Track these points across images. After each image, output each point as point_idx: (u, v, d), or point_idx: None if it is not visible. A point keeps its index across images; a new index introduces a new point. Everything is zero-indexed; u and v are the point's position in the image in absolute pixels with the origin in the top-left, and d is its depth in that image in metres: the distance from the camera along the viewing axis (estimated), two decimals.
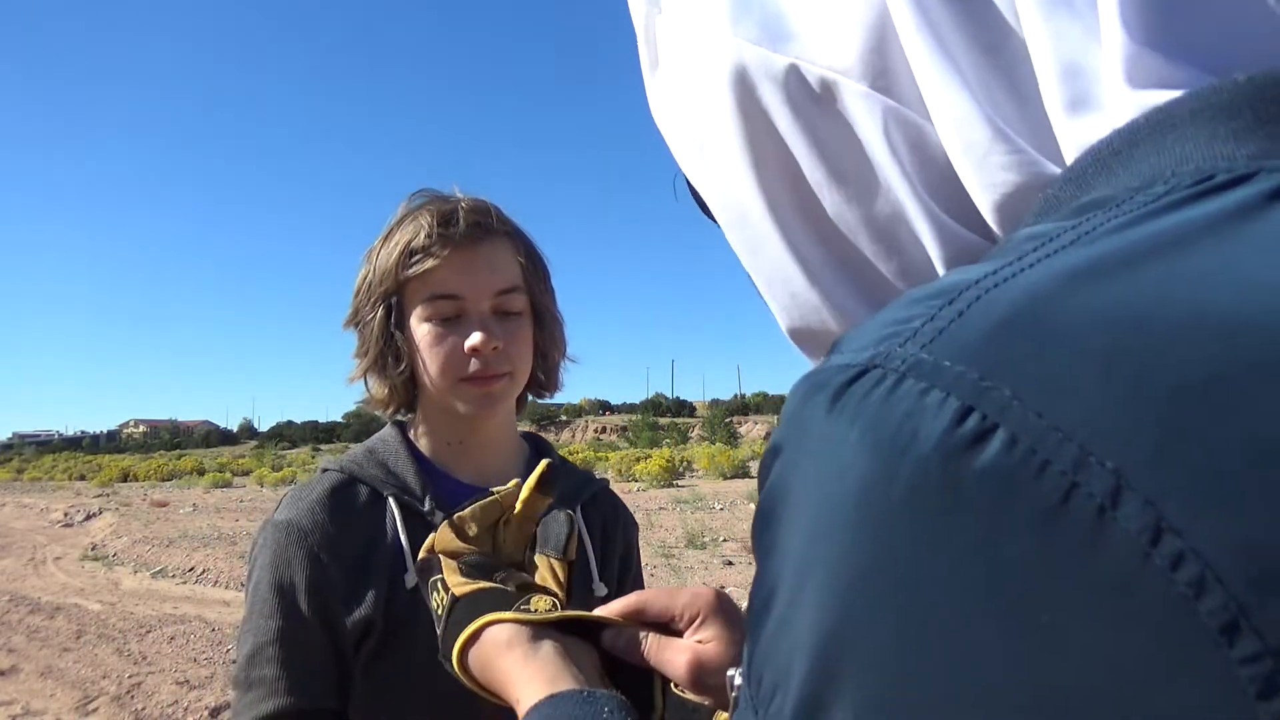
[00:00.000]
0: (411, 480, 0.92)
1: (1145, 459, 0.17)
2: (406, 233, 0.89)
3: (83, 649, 5.63)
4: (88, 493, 20.38)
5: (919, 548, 0.19)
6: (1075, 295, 0.20)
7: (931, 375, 0.20)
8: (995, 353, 0.20)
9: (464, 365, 0.89)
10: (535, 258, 0.97)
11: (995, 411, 0.19)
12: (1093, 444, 0.18)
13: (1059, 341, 0.19)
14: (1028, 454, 0.18)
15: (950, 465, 0.19)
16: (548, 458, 1.03)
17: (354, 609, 0.84)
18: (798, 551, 0.22)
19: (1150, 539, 0.17)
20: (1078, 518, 0.17)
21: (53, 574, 8.63)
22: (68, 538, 11.52)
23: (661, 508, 11.82)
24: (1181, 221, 0.21)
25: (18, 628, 6.25)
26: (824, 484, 0.21)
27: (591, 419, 69.46)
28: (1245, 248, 0.20)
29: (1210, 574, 0.16)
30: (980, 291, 0.22)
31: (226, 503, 15.51)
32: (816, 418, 0.22)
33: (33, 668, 5.23)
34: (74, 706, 4.51)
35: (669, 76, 0.39)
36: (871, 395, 0.21)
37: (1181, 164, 0.24)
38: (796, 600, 0.22)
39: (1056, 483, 0.18)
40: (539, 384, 1.02)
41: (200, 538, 10.02)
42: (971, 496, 0.19)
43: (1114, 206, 0.24)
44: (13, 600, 7.21)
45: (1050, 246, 0.23)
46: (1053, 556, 0.18)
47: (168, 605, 6.96)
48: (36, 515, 14.95)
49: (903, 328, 0.22)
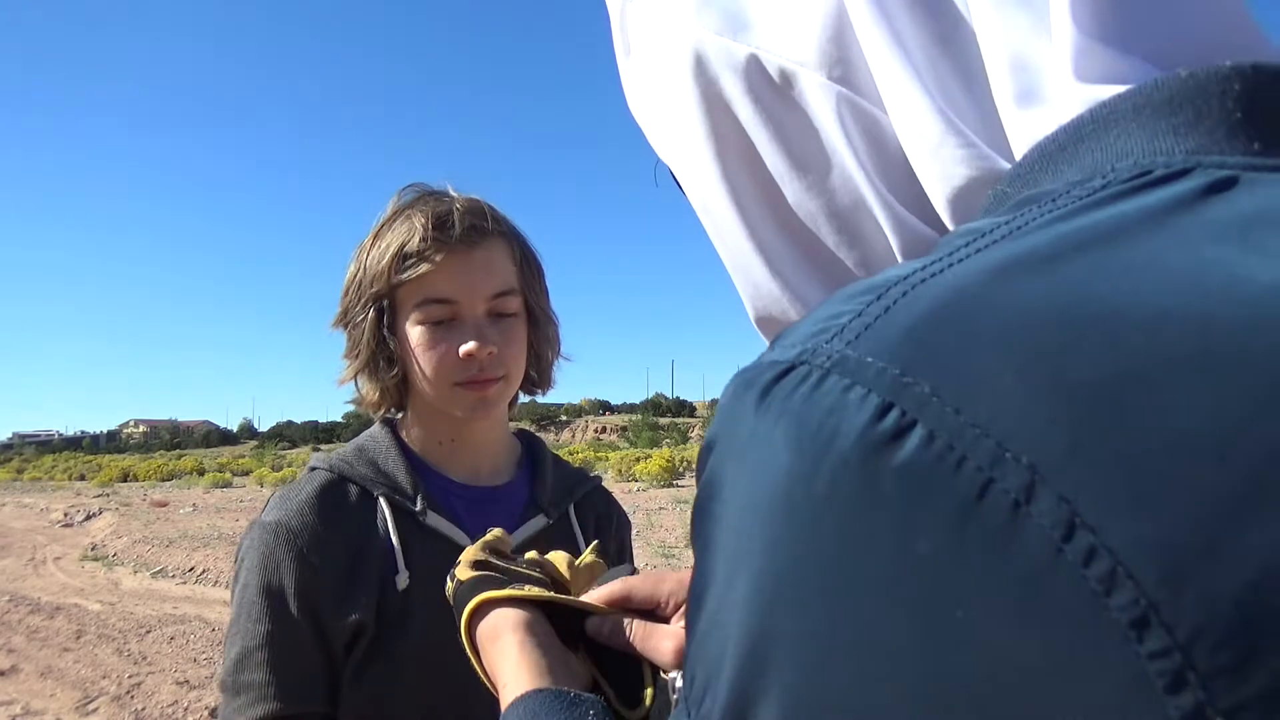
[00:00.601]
0: (402, 479, 0.91)
1: (1060, 455, 0.17)
2: (399, 234, 0.87)
3: (83, 649, 5.63)
4: (88, 493, 20.37)
5: (839, 545, 0.19)
6: (997, 290, 0.20)
7: (854, 372, 0.20)
8: (916, 348, 0.20)
9: (458, 370, 0.88)
10: (530, 258, 0.95)
11: (914, 407, 0.19)
12: (1009, 440, 0.18)
13: (978, 337, 0.20)
14: (945, 450, 0.18)
15: (869, 461, 0.19)
16: (540, 455, 1.04)
17: (344, 612, 0.83)
18: (728, 548, 0.22)
19: (1063, 535, 0.17)
20: (992, 513, 0.18)
21: (53, 574, 8.63)
22: (68, 538, 11.52)
23: (661, 508, 11.81)
24: (1112, 216, 0.22)
25: (18, 628, 6.25)
26: (751, 481, 0.21)
27: (591, 419, 69.47)
28: (1173, 242, 0.20)
29: (1121, 570, 0.16)
30: (907, 287, 0.22)
31: (226, 503, 15.51)
32: (745, 414, 0.22)
33: (33, 668, 5.22)
34: (74, 706, 4.51)
35: (640, 64, 0.40)
36: (796, 392, 0.21)
37: (1121, 159, 0.24)
38: (726, 598, 0.22)
39: (972, 478, 0.18)
40: (531, 382, 1.00)
41: (200, 538, 10.01)
42: (889, 492, 0.19)
43: (1049, 201, 0.24)
44: (13, 600, 7.21)
45: (982, 242, 0.23)
46: (967, 552, 0.18)
47: (168, 605, 6.96)
48: (36, 515, 14.95)
49: (831, 324, 0.22)
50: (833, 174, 0.33)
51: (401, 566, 0.86)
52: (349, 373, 0.93)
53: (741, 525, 0.22)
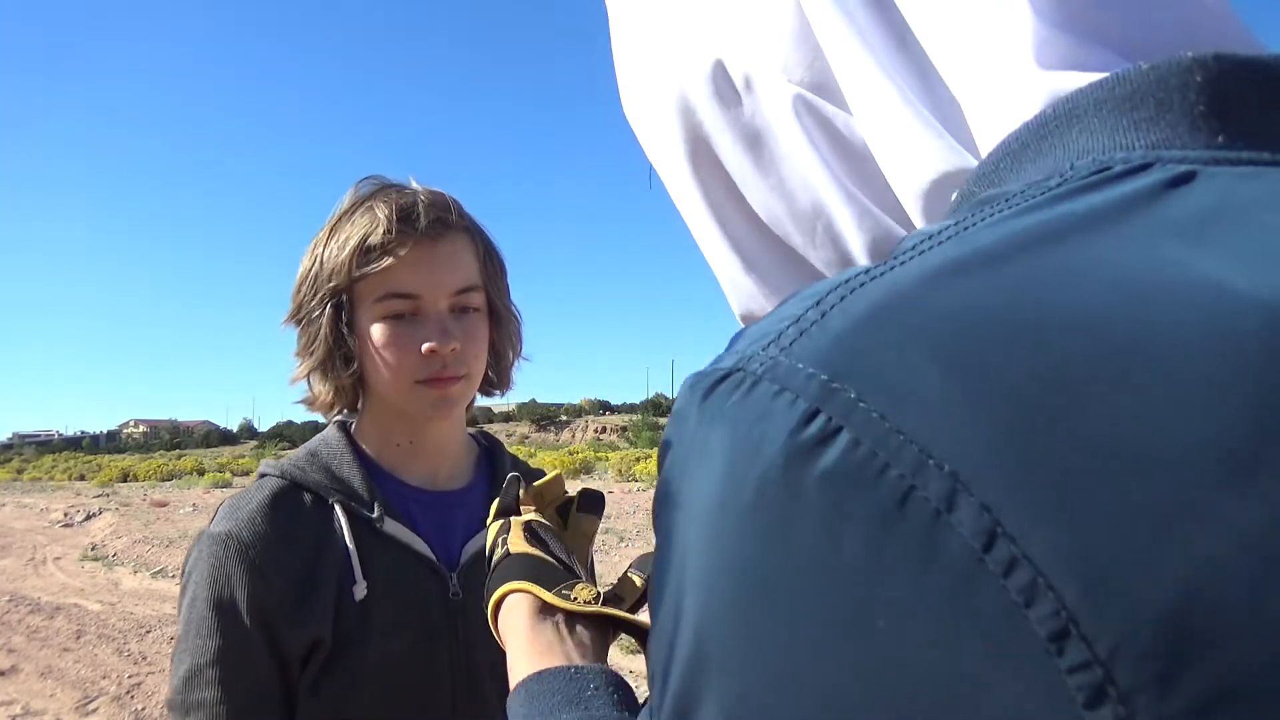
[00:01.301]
0: (358, 485, 0.87)
1: (982, 462, 0.17)
2: (360, 226, 0.83)
3: (83, 649, 5.63)
4: (88, 493, 20.36)
5: (765, 552, 0.19)
6: (930, 294, 0.20)
7: (785, 378, 0.20)
8: (845, 354, 0.20)
9: (420, 367, 0.84)
10: (493, 253, 0.92)
11: (840, 414, 0.19)
12: (932, 446, 0.18)
13: (907, 340, 0.19)
14: (868, 456, 0.18)
15: (793, 468, 0.19)
16: (499, 457, 1.01)
17: (300, 625, 0.79)
18: (675, 552, 0.22)
19: (983, 544, 0.17)
20: (914, 522, 0.17)
21: (52, 574, 8.62)
22: (67, 538, 11.52)
23: None
24: (1061, 214, 0.21)
25: (18, 628, 6.25)
26: (693, 486, 0.22)
27: (591, 419, 69.35)
28: (1121, 241, 0.20)
29: (1042, 581, 0.16)
30: (845, 291, 0.22)
31: None
32: (690, 417, 0.23)
33: (33, 668, 5.22)
34: (74, 706, 4.51)
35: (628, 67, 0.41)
36: (730, 398, 0.21)
37: (1081, 156, 0.24)
38: (676, 601, 0.22)
39: (894, 486, 0.18)
40: (489, 383, 0.97)
41: None
42: (812, 500, 0.18)
43: (1004, 201, 0.23)
44: (13, 600, 7.21)
45: (929, 244, 0.23)
46: (888, 561, 0.17)
47: (168, 605, 6.96)
48: (36, 515, 14.94)
49: (773, 328, 0.22)
50: (794, 176, 0.33)
51: (359, 576, 0.83)
52: (302, 371, 0.89)
53: (685, 532, 0.22)
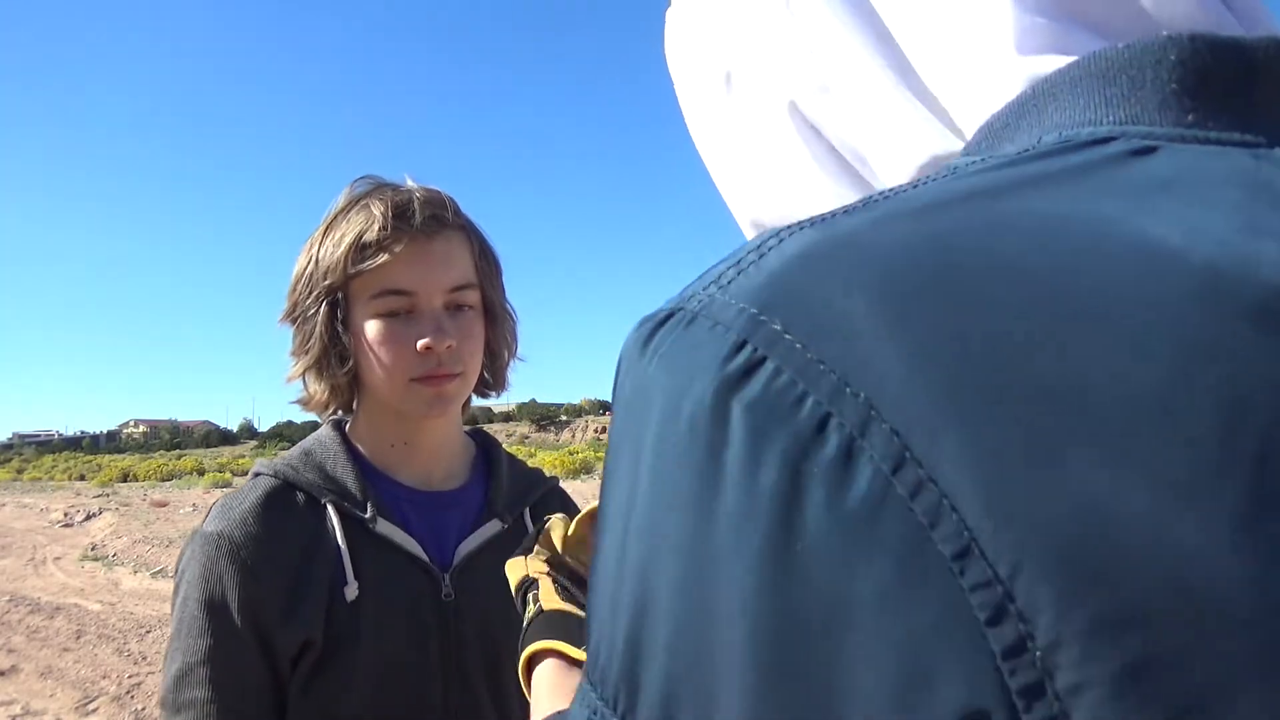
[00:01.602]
0: (351, 485, 0.87)
1: (895, 389, 0.18)
2: (355, 224, 0.83)
3: (83, 649, 5.62)
4: (87, 493, 20.36)
5: (698, 483, 0.20)
6: (861, 236, 0.21)
7: (718, 313, 0.21)
8: (775, 289, 0.20)
9: (415, 365, 0.84)
10: (488, 252, 0.92)
11: (765, 344, 0.19)
12: (849, 375, 0.18)
13: (833, 274, 0.20)
14: (789, 385, 0.19)
15: (720, 398, 0.19)
16: (496, 456, 1.00)
17: (291, 625, 0.79)
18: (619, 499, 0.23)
19: (892, 468, 0.17)
20: (830, 448, 0.18)
21: (52, 574, 8.62)
22: (67, 538, 11.52)
23: None
24: (1009, 175, 0.22)
25: (18, 628, 6.24)
26: (637, 427, 0.22)
27: (591, 419, 69.29)
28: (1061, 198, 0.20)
29: (946, 502, 0.17)
30: (785, 235, 0.22)
31: None
32: (634, 360, 0.23)
33: (33, 668, 5.22)
34: (74, 706, 4.51)
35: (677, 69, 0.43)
36: (669, 334, 0.22)
37: (1051, 131, 0.24)
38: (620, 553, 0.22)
39: (812, 413, 0.18)
40: (484, 384, 0.97)
41: None
42: (736, 428, 0.19)
43: (961, 166, 0.24)
44: (13, 600, 7.21)
45: (878, 198, 0.23)
46: (804, 485, 0.18)
47: (168, 605, 6.90)
48: (36, 515, 14.94)
49: (714, 271, 0.23)
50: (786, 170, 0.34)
51: (350, 577, 0.82)
52: (297, 370, 0.89)
53: (631, 473, 0.22)
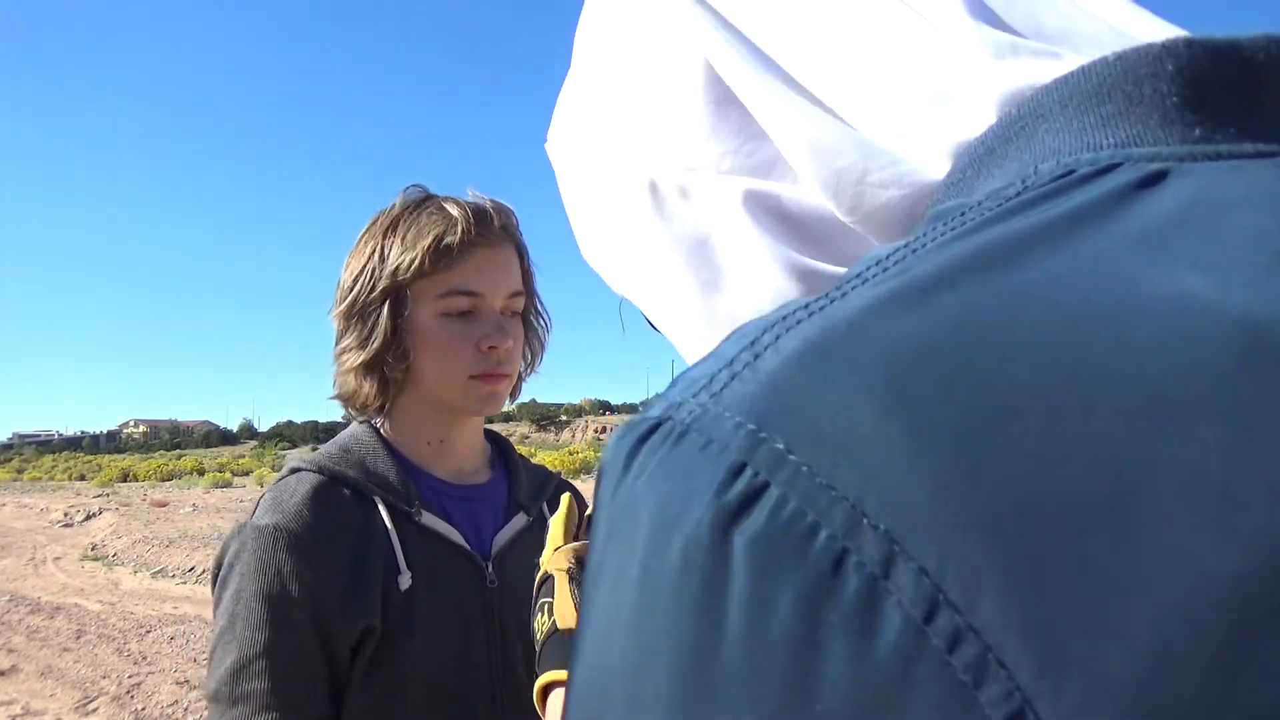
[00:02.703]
0: (394, 479, 0.90)
1: (921, 518, 0.15)
2: (433, 225, 0.87)
3: (83, 649, 5.63)
4: (87, 493, 20.37)
5: (693, 630, 0.17)
6: (865, 329, 0.18)
7: (711, 428, 0.18)
8: (774, 399, 0.18)
9: (476, 363, 0.88)
10: (531, 269, 0.99)
11: (767, 467, 0.17)
12: (865, 502, 0.16)
13: (836, 382, 0.17)
14: (797, 516, 0.16)
15: (718, 531, 0.17)
16: (511, 456, 1.05)
17: (352, 615, 0.82)
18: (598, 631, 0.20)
19: (925, 615, 0.15)
20: (849, 591, 0.15)
21: (53, 574, 8.63)
22: (68, 538, 11.52)
23: None
24: (1013, 231, 0.19)
25: (18, 628, 6.25)
26: (619, 553, 0.19)
27: (591, 419, 69.27)
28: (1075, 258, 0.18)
29: (992, 656, 0.14)
30: (781, 330, 0.19)
31: (226, 503, 15.51)
32: (616, 471, 0.20)
33: (33, 668, 5.22)
34: (74, 706, 4.51)
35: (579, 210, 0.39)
36: (657, 452, 0.19)
37: (1046, 159, 0.22)
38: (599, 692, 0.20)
39: (826, 549, 0.16)
40: None
41: (200, 538, 10.01)
42: (740, 567, 0.16)
43: (956, 216, 0.21)
44: (13, 600, 7.21)
45: (873, 271, 0.21)
46: (823, 637, 0.15)
47: (168, 605, 6.96)
48: (36, 515, 14.95)
49: (704, 373, 0.20)
50: (750, 275, 0.30)
51: (404, 567, 0.85)
52: (351, 362, 0.90)
53: (611, 604, 0.20)
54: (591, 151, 0.36)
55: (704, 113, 0.31)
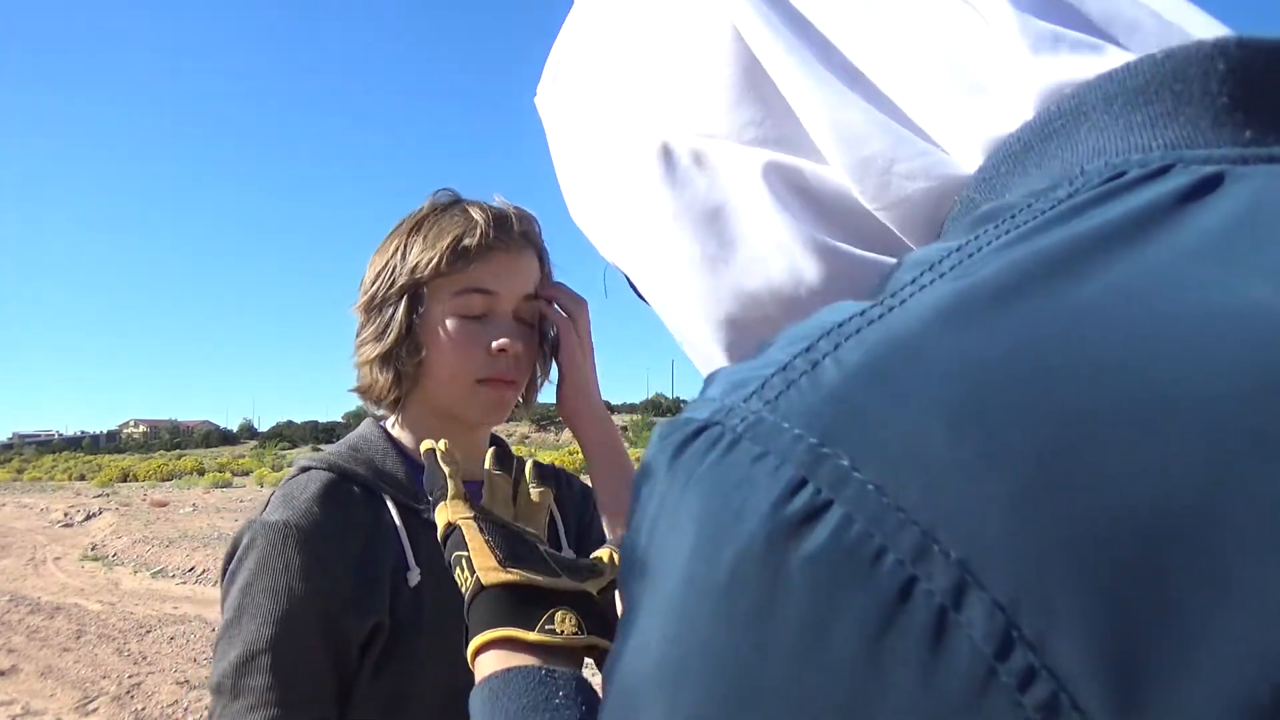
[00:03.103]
0: (403, 477, 0.91)
1: (994, 548, 0.15)
2: (455, 225, 0.89)
3: (83, 649, 5.62)
4: (88, 493, 20.36)
5: (740, 642, 0.16)
6: (933, 343, 0.17)
7: (768, 438, 0.17)
8: (839, 413, 0.17)
9: (485, 366, 0.89)
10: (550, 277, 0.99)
11: (830, 485, 0.16)
12: (936, 528, 0.15)
13: (908, 399, 0.17)
14: (862, 538, 0.16)
15: (775, 548, 0.16)
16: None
17: (361, 612, 0.82)
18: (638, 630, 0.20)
19: (996, 650, 0.14)
20: (916, 620, 0.15)
21: (53, 574, 8.62)
22: (68, 538, 11.52)
23: None
24: (1072, 237, 0.19)
25: (18, 628, 6.24)
26: (661, 555, 0.19)
27: None
28: (1139, 268, 0.17)
29: (1065, 698, 0.14)
30: (839, 338, 0.19)
31: (226, 503, 15.49)
32: (659, 473, 0.20)
33: (33, 668, 5.22)
34: (74, 706, 4.51)
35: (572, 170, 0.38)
36: (705, 458, 0.18)
37: (1092, 159, 0.21)
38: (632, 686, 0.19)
39: (893, 575, 0.15)
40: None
41: (200, 538, 10.00)
42: (796, 587, 0.16)
43: (1007, 218, 0.21)
44: (13, 600, 7.21)
45: (928, 276, 0.20)
46: (885, 666, 0.15)
47: (168, 605, 6.96)
48: (36, 515, 14.94)
49: (754, 375, 0.19)
50: (765, 246, 0.30)
51: (413, 563, 0.86)
52: (367, 355, 0.92)
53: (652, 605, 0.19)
54: (593, 108, 0.35)
55: (729, 80, 0.30)
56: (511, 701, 0.46)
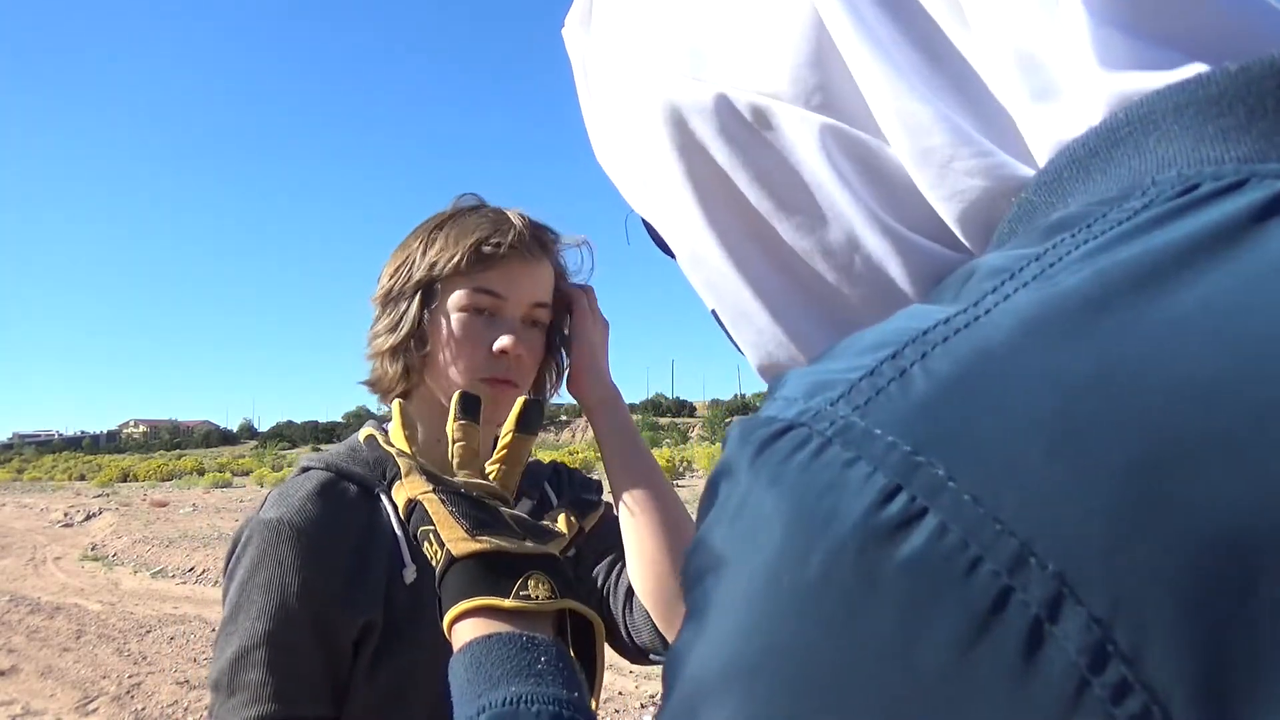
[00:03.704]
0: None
1: (1092, 562, 0.15)
2: (476, 228, 0.91)
3: (83, 649, 5.62)
4: (87, 493, 20.37)
5: (828, 641, 0.17)
6: (1027, 354, 0.18)
7: (859, 444, 0.18)
8: (933, 423, 0.17)
9: (487, 365, 0.90)
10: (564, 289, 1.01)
11: (926, 493, 0.16)
12: (1034, 540, 0.15)
13: (1004, 412, 0.17)
14: (958, 547, 0.16)
15: (868, 552, 0.16)
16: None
17: (353, 609, 0.83)
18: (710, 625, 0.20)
19: (1091, 663, 0.14)
20: (1009, 630, 0.15)
21: (53, 574, 8.62)
22: (68, 538, 11.52)
23: None
24: (1155, 249, 0.19)
25: (18, 628, 6.24)
26: (741, 552, 0.19)
27: None
28: (1224, 284, 0.17)
29: (1158, 710, 0.14)
30: (926, 346, 0.19)
31: (226, 503, 15.50)
32: (739, 474, 0.20)
33: (33, 668, 5.22)
34: (74, 706, 4.51)
35: (608, 116, 0.37)
36: (793, 459, 0.19)
37: (1163, 169, 0.21)
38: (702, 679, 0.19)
39: (988, 585, 0.15)
40: None
41: (200, 538, 10.01)
42: (889, 592, 0.16)
43: (1084, 227, 0.21)
44: (13, 600, 7.21)
45: (1010, 285, 0.20)
46: (977, 674, 0.15)
47: (168, 605, 6.96)
48: (36, 515, 14.94)
49: (838, 378, 0.20)
50: (822, 209, 0.30)
51: (409, 560, 0.87)
52: (379, 346, 0.95)
53: (728, 601, 0.19)
54: (637, 52, 0.34)
55: (799, 45, 0.30)
56: (495, 668, 0.47)
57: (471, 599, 0.53)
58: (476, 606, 0.53)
